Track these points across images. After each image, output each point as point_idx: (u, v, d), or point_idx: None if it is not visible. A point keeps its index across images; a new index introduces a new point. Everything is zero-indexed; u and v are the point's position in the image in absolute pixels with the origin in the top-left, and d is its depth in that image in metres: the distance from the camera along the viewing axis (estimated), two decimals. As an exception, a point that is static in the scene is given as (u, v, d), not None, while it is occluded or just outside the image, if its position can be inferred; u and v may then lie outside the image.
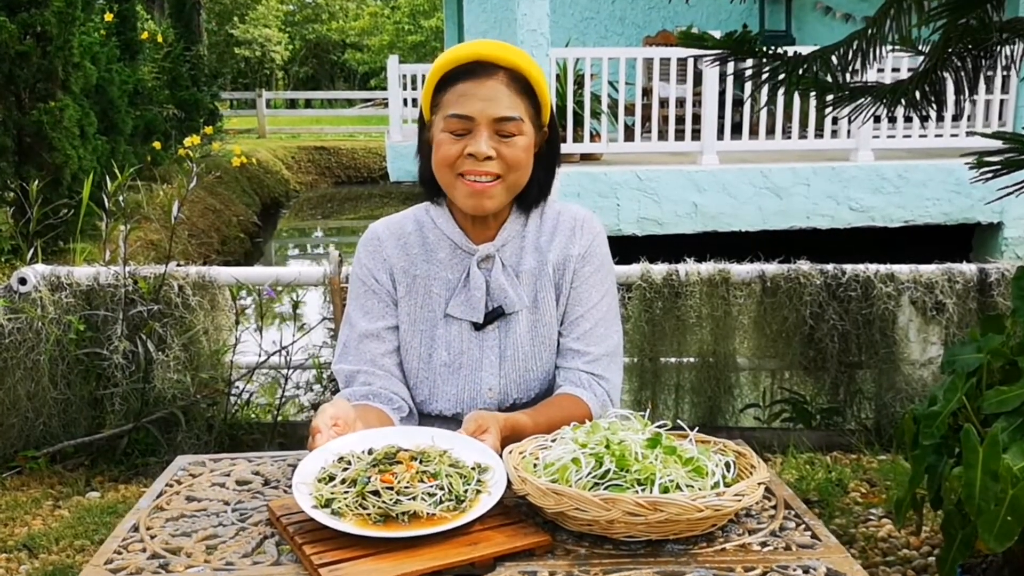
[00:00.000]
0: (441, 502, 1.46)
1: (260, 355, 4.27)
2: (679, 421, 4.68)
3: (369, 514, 1.44)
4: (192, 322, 4.15)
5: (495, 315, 2.00)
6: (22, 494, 3.97)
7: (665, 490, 1.45)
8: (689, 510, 1.37)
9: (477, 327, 2.00)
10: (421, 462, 1.53)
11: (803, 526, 1.51)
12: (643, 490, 1.44)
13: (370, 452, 1.59)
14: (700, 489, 1.48)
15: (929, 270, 4.50)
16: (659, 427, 1.62)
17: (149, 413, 4.15)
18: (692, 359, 4.69)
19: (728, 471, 1.54)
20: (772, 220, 8.73)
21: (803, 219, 8.78)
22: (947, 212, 8.77)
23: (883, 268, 4.51)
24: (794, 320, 4.53)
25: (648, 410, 1.73)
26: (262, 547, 1.47)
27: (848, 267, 4.51)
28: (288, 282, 4.25)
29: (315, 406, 4.39)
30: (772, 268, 4.53)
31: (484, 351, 2.00)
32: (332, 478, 1.52)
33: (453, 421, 2.04)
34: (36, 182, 5.20)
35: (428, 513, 1.44)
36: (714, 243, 5.46)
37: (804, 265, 4.54)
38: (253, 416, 4.46)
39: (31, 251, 4.43)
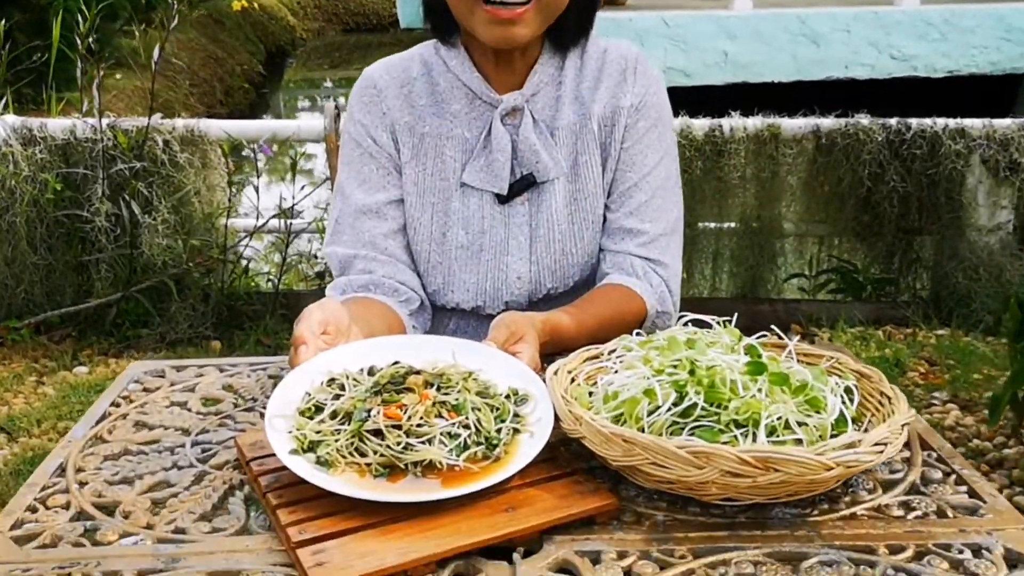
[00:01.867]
0: (466, 447, 1.07)
1: (258, 219, 3.86)
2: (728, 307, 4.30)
3: (369, 464, 1.05)
4: (181, 182, 3.73)
5: (524, 184, 1.57)
6: (3, 368, 3.65)
7: (772, 432, 1.05)
8: (815, 468, 0.97)
9: (501, 199, 1.57)
10: (439, 388, 1.14)
11: (953, 476, 1.12)
12: (743, 435, 1.04)
13: (370, 373, 1.19)
14: (816, 429, 1.08)
15: (1005, 124, 3.99)
16: (758, 338, 1.21)
17: (138, 282, 3.78)
18: (733, 224, 4.25)
19: (850, 400, 1.15)
20: (808, 70, 8.12)
21: (841, 69, 8.15)
22: (995, 61, 8.13)
23: (952, 123, 4.00)
24: (850, 181, 4.06)
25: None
26: (226, 504, 1.09)
27: (914, 121, 4.00)
28: (286, 137, 3.79)
29: (319, 276, 4.01)
30: (828, 123, 4.03)
31: (510, 230, 1.58)
32: (319, 410, 1.13)
33: (472, 316, 1.64)
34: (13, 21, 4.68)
35: (448, 464, 1.05)
36: (743, 96, 4.93)
37: (864, 119, 4.03)
38: (253, 285, 4.09)
39: (2, 101, 3.97)
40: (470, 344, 1.27)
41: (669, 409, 1.07)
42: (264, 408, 1.20)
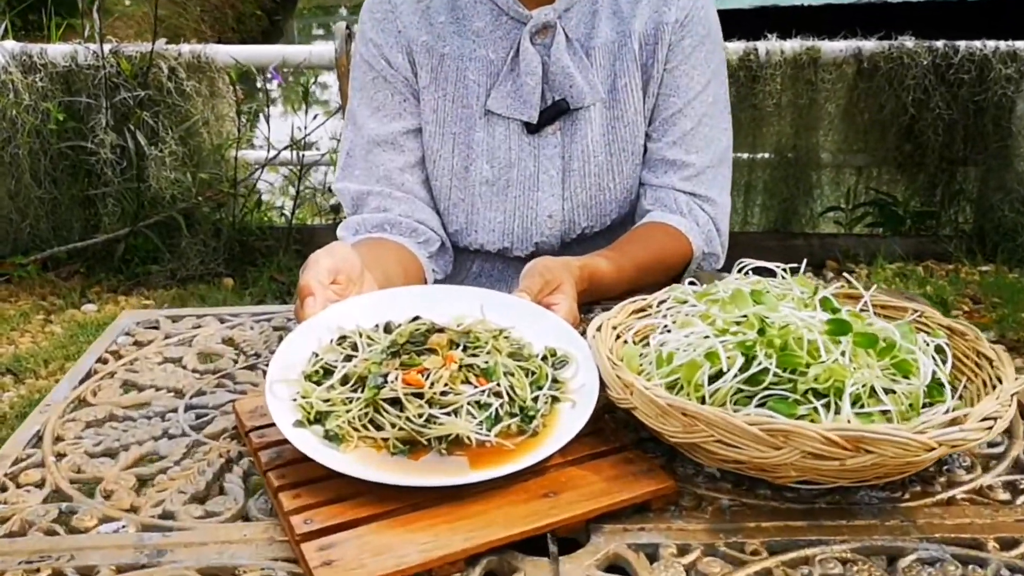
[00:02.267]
0: (498, 420, 0.92)
1: (269, 151, 3.69)
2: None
3: (386, 440, 0.90)
4: (188, 111, 3.56)
5: (556, 111, 1.41)
6: (10, 307, 3.53)
7: (856, 402, 0.90)
8: (914, 449, 0.82)
9: (531, 129, 1.41)
10: (465, 349, 0.98)
11: (1063, 453, 0.96)
12: (824, 407, 0.89)
13: (387, 330, 1.04)
14: (906, 396, 0.92)
15: (1060, 47, 3.75)
16: (838, 289, 1.05)
17: (146, 216, 3.64)
18: (767, 155, 4.04)
19: (943, 360, 0.99)
20: (841, -12, 7.79)
21: (876, -13, 7.82)
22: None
23: (1004, 45, 3.76)
24: (892, 108, 3.84)
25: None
26: (222, 481, 0.95)
27: (962, 44, 3.76)
28: (297, 63, 3.60)
29: (335, 210, 3.85)
30: (870, 45, 3.80)
31: (540, 162, 1.42)
32: (328, 373, 0.98)
33: (498, 259, 1.48)
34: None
35: (477, 439, 0.90)
36: (772, 21, 4.65)
37: (908, 42, 3.80)
38: (266, 220, 3.93)
39: (1, 27, 3.78)
40: (499, 296, 1.11)
41: (735, 376, 0.91)
42: (267, 367, 1.05)
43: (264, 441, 0.95)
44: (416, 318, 1.05)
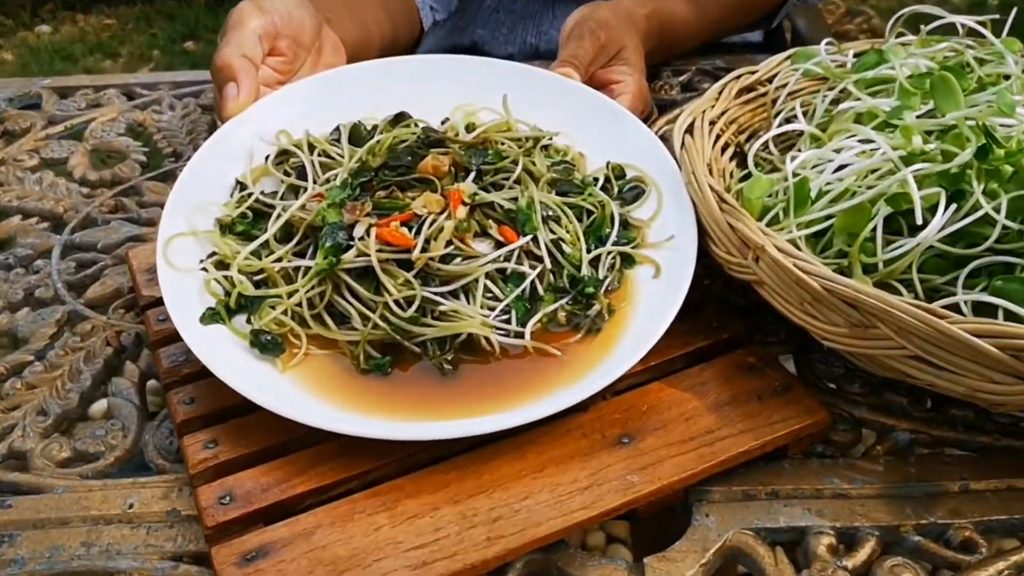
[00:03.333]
0: (533, 302, 0.56)
1: None
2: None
3: (353, 344, 0.55)
4: None
5: None
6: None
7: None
8: None
9: None
10: (480, 176, 0.61)
11: None
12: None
13: (353, 138, 0.65)
14: None
15: None
16: None
17: (97, -84, 3.07)
18: None
19: None
20: None
21: None
22: None
23: None
24: None
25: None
26: (107, 389, 0.61)
27: None
28: None
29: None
30: None
31: None
32: (260, 218, 0.61)
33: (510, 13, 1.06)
34: None
35: (502, 342, 0.55)
36: None
37: None
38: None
39: None
40: (531, 73, 0.71)
41: (938, 230, 0.54)
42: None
43: (167, 330, 0.60)
44: (400, 118, 0.66)
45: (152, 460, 0.56)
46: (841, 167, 0.59)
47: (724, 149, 0.69)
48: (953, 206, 0.54)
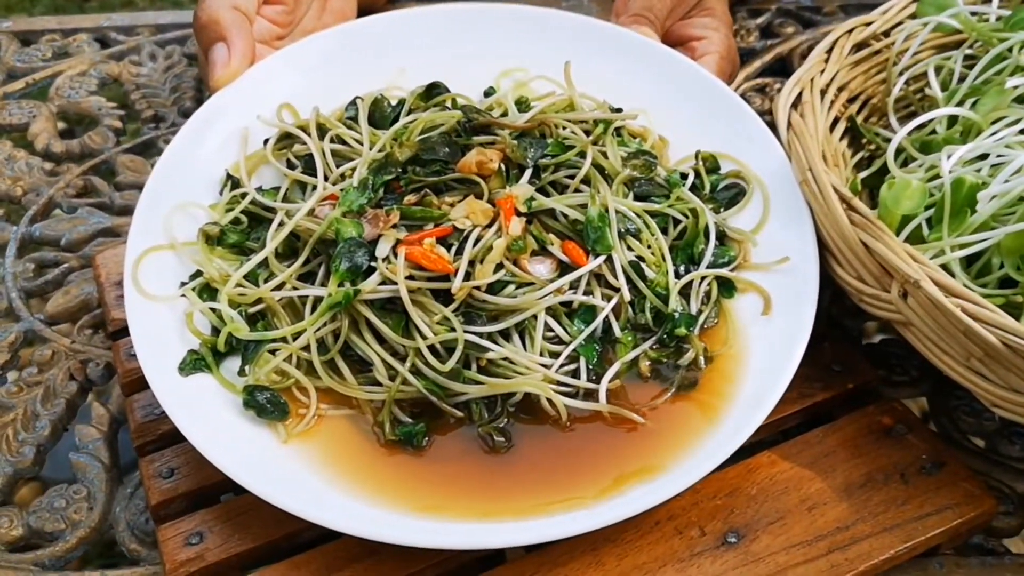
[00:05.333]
0: (607, 348, 0.44)
1: None
2: None
3: (377, 410, 0.43)
4: None
5: None
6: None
7: None
8: None
9: None
10: (538, 174, 0.47)
11: None
12: None
13: (372, 119, 0.52)
14: None
15: None
16: None
17: None
18: None
19: None
20: None
21: None
22: None
23: None
24: None
25: None
26: (70, 438, 0.49)
27: None
28: None
29: None
30: None
31: None
32: (253, 224, 0.48)
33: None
34: None
35: (570, 406, 0.42)
36: None
37: None
38: None
39: None
40: (595, 26, 0.56)
41: None
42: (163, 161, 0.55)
43: (135, 370, 0.47)
44: (433, 91, 0.52)
45: (124, 544, 0.44)
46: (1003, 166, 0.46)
47: (833, 124, 0.55)
48: None
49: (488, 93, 0.54)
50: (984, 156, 0.47)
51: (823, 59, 0.55)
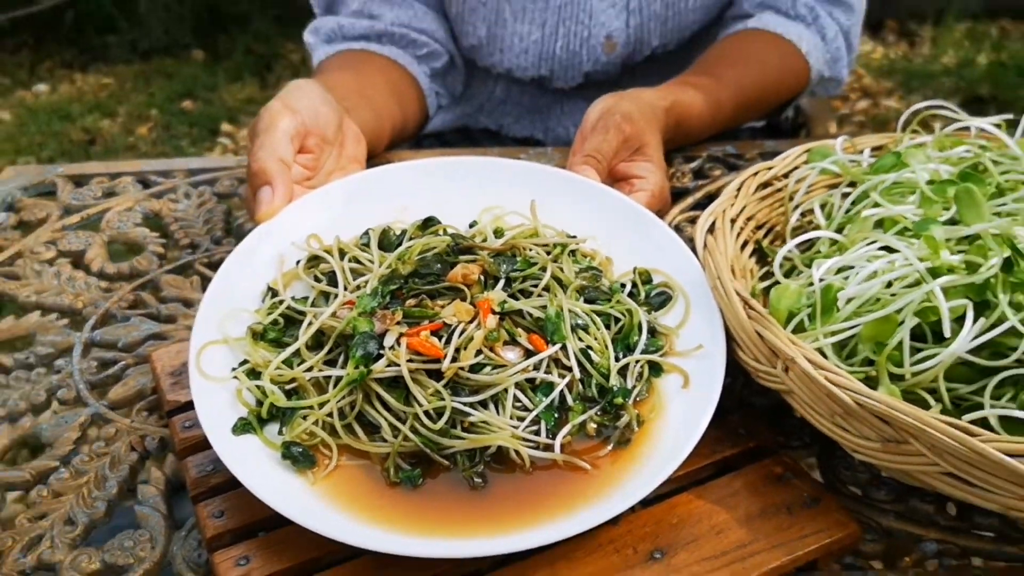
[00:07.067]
0: (562, 415, 0.57)
1: None
2: None
3: (381, 454, 0.55)
4: None
5: None
6: (-50, 89, 3.08)
7: None
8: None
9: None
10: (509, 283, 0.61)
11: None
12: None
13: (383, 244, 0.66)
14: None
15: None
16: None
17: (95, -23, 3.11)
18: None
19: None
20: None
21: None
22: None
23: None
24: None
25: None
26: (133, 492, 0.61)
27: None
28: None
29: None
30: None
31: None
32: (291, 324, 0.62)
33: (534, 88, 1.07)
34: None
35: (533, 456, 0.55)
36: None
37: None
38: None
39: None
40: (554, 173, 0.72)
41: (976, 339, 0.54)
42: (207, 267, 0.68)
43: (194, 437, 0.60)
44: (429, 223, 0.67)
45: (181, 573, 0.56)
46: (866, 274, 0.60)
47: (743, 246, 0.70)
48: (980, 319, 0.55)
49: (472, 224, 0.69)
50: (851, 267, 0.62)
51: (734, 195, 0.71)
